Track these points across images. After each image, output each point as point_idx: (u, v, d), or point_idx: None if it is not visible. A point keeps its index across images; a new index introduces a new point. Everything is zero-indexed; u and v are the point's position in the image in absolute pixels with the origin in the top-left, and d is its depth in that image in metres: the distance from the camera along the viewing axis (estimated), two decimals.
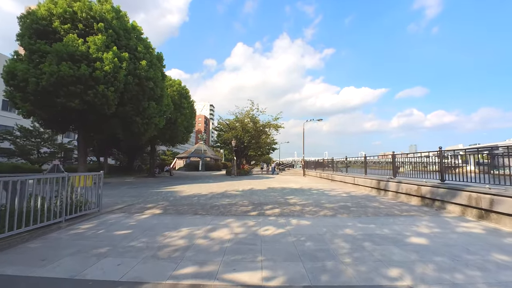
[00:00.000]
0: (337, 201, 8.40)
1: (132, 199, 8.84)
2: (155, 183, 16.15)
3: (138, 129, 15.09)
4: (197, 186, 13.71)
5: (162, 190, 12.07)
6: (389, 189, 9.67)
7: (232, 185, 14.29)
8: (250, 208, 7.16)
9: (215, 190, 11.82)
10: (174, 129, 22.19)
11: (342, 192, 11.18)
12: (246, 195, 9.86)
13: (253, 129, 28.48)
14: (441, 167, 7.46)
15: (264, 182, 16.77)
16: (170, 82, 23.28)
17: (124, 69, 13.21)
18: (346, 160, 14.94)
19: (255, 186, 13.72)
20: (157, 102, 15.97)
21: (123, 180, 18.91)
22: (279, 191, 11.61)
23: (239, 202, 8.18)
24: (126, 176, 25.11)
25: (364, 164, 12.53)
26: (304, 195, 9.98)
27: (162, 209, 6.90)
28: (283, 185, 14.80)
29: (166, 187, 13.61)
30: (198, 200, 8.61)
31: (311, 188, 12.73)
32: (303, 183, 16.37)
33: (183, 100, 23.73)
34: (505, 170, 5.88)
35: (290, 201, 8.50)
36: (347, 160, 14.90)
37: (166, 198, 9.02)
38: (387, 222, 5.56)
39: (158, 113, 16.10)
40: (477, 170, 6.81)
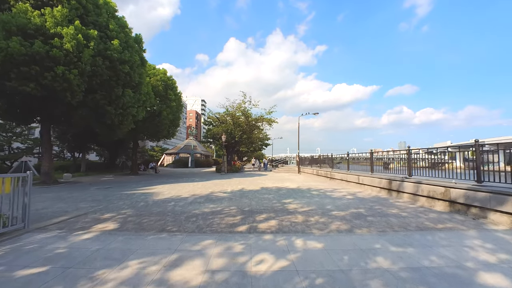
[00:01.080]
0: (346, 207, 6.84)
1: (90, 206, 7.01)
2: (133, 182, 14.25)
3: (111, 121, 13.09)
4: (180, 186, 11.92)
5: (137, 191, 10.23)
6: (404, 190, 8.19)
7: (220, 185, 12.58)
8: (239, 218, 5.48)
9: (199, 191, 10.08)
10: (158, 122, 20.17)
11: (346, 193, 9.67)
12: (235, 199, 8.18)
13: (245, 123, 26.69)
14: (478, 165, 5.97)
15: (257, 181, 15.13)
16: (154, 71, 21.15)
17: (91, 48, 11.17)
18: (348, 156, 13.46)
19: (247, 186, 12.06)
20: (134, 90, 13.97)
21: (98, 179, 16.88)
22: (274, 192, 9.99)
23: (225, 209, 6.49)
24: (107, 173, 22.98)
25: (370, 161, 11.04)
26: (304, 198, 8.39)
27: (120, 223, 5.14)
28: (278, 184, 13.20)
29: (144, 187, 11.77)
30: (174, 206, 6.87)
31: (310, 188, 11.18)
32: (300, 181, 14.83)
33: (169, 92, 21.67)
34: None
35: (289, 206, 6.88)
36: (349, 157, 13.42)
37: (134, 204, 7.22)
38: (427, 241, 4.00)
39: (136, 103, 14.10)
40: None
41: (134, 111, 13.85)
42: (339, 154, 16.36)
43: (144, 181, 15.15)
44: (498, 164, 6.05)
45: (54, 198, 8.42)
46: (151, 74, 20.74)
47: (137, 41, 15.34)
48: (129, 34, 13.82)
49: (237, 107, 25.65)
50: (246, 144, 32.75)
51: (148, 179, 17.28)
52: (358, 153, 14.21)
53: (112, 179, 17.31)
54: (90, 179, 16.58)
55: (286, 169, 27.01)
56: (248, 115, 25.97)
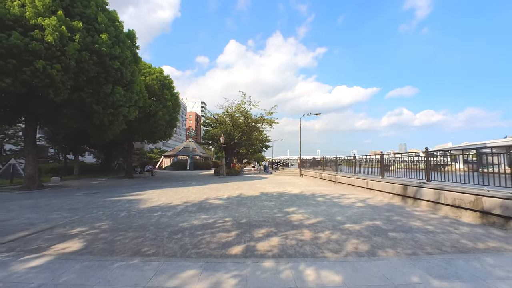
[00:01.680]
0: (359, 217, 5.89)
1: (63, 217, 6.07)
2: (124, 187, 13.30)
3: (100, 121, 12.17)
4: (173, 192, 10.98)
5: (124, 197, 9.29)
6: (422, 197, 7.25)
7: (216, 190, 11.64)
8: (233, 235, 4.54)
9: (193, 198, 9.14)
10: (153, 122, 19.26)
11: (355, 199, 8.72)
12: (232, 207, 7.24)
13: (245, 124, 25.80)
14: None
15: (256, 185, 14.18)
16: (149, 70, 20.29)
17: (76, 42, 10.29)
18: (354, 159, 12.52)
19: (245, 191, 11.12)
20: (126, 88, 13.08)
21: (89, 183, 15.94)
22: (276, 198, 9.04)
23: (219, 221, 5.54)
24: (100, 176, 22.04)
25: (380, 164, 10.10)
26: (310, 206, 7.45)
27: (87, 241, 4.20)
28: (279, 188, 12.25)
29: (133, 192, 10.82)
30: (159, 217, 5.93)
31: (315, 194, 10.23)
32: (303, 185, 13.88)
33: (165, 91, 20.78)
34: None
35: (293, 217, 5.94)
36: (355, 159, 12.47)
37: (114, 215, 6.28)
38: (476, 271, 3.06)
39: (128, 102, 13.20)
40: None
41: (126, 110, 12.93)
42: (345, 156, 15.44)
43: (136, 185, 14.21)
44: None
45: (28, 206, 7.48)
46: (146, 73, 19.89)
47: (129, 36, 14.48)
48: (120, 28, 12.94)
49: (236, 107, 24.77)
50: (246, 146, 31.83)
51: (141, 182, 16.34)
52: (366, 155, 13.28)
53: (103, 182, 16.37)
54: (80, 183, 15.64)
55: (287, 172, 26.05)
56: (248, 115, 25.08)
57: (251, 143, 30.12)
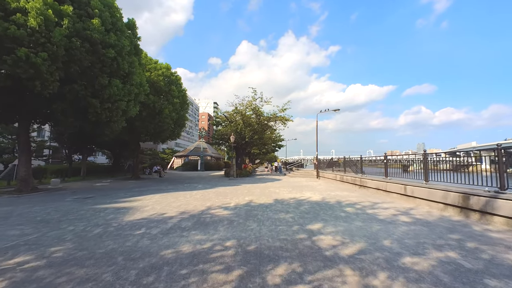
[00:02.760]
0: (417, 242, 4.10)
1: (22, 233, 4.71)
2: (124, 190, 12.08)
3: (96, 117, 10.99)
4: (173, 197, 9.56)
5: (114, 205, 7.95)
6: (496, 211, 5.31)
7: (224, 195, 10.11)
8: (235, 277, 2.93)
9: (192, 206, 7.63)
10: (159, 121, 18.08)
11: (395, 210, 6.87)
12: (238, 222, 5.64)
13: (256, 122, 24.19)
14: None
15: (269, 189, 12.53)
16: (154, 65, 19.18)
17: (64, 27, 9.12)
18: (385, 159, 10.55)
19: (256, 197, 9.50)
20: (124, 80, 11.85)
21: (91, 185, 14.95)
22: (294, 208, 7.35)
23: (216, 247, 3.95)
24: (107, 178, 21.24)
25: (423, 166, 8.14)
26: (339, 221, 5.70)
27: (10, 286, 2.74)
28: (296, 194, 10.54)
29: (129, 198, 9.51)
30: (139, 239, 4.43)
31: (340, 202, 8.43)
32: (323, 190, 12.06)
33: (172, 87, 19.60)
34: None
35: (321, 242, 4.24)
36: (386, 160, 10.51)
37: (84, 232, 4.85)
38: None
39: (127, 96, 11.96)
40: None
41: (124, 105, 11.67)
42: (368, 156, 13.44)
43: (138, 188, 12.98)
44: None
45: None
46: (151, 68, 18.79)
47: (129, 26, 13.31)
48: (117, 16, 11.71)
49: (247, 104, 23.20)
50: (258, 146, 30.20)
51: (145, 185, 15.15)
52: (400, 154, 11.26)
53: (106, 185, 15.34)
54: (81, 186, 14.67)
55: (302, 173, 24.18)
56: (260, 113, 23.44)
57: (264, 143, 28.46)
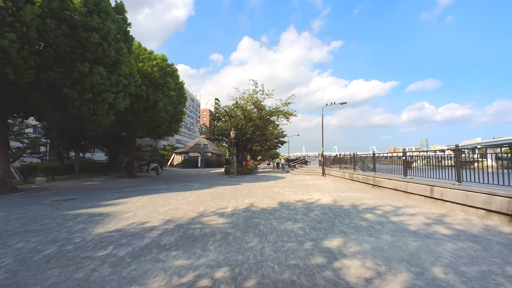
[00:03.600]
0: (481, 273, 2.90)
1: None
2: (112, 190, 10.98)
3: (78, 110, 9.83)
4: (162, 200, 8.42)
5: (91, 210, 6.80)
6: None
7: (221, 197, 8.95)
8: None
9: (182, 213, 6.47)
10: (153, 115, 16.89)
11: (425, 218, 5.65)
12: (234, 236, 4.45)
13: (258, 117, 22.95)
14: None
15: (272, 189, 11.35)
16: (148, 55, 17.93)
17: (37, 5, 7.92)
18: (404, 156, 9.30)
19: (258, 200, 8.32)
20: (110, 69, 10.65)
21: (80, 184, 13.88)
22: (303, 215, 6.16)
23: (200, 282, 2.77)
24: (100, 175, 20.19)
25: (456, 164, 6.88)
26: (362, 233, 4.50)
27: None
28: (303, 195, 9.35)
29: (112, 200, 8.38)
30: (99, 264, 3.26)
31: (356, 205, 7.23)
32: (332, 190, 10.86)
33: (168, 79, 18.39)
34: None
35: (348, 273, 3.04)
36: (406, 156, 9.25)
37: (31, 252, 3.69)
38: None
39: (114, 86, 10.76)
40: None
41: (111, 97, 10.47)
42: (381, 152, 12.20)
43: (128, 188, 11.88)
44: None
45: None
46: (145, 58, 17.55)
47: (118, 10, 12.06)
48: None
49: (248, 98, 21.94)
50: (260, 142, 28.98)
51: (138, 184, 14.05)
52: (423, 150, 10.00)
53: (96, 184, 14.26)
54: (68, 185, 13.60)
55: (306, 170, 22.97)
56: (261, 107, 22.19)
57: (266, 139, 27.22)
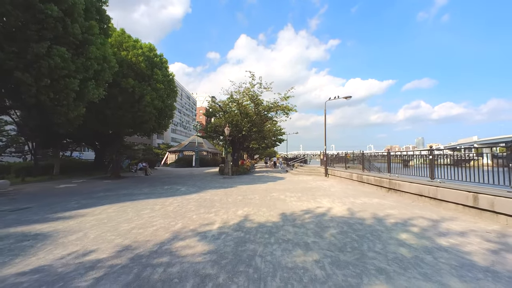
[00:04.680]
0: None
1: None
2: (82, 196, 9.26)
3: (35, 99, 8.07)
4: (134, 211, 6.74)
5: (30, 227, 5.10)
6: None
7: (209, 205, 7.30)
8: None
9: (150, 233, 4.81)
10: (138, 110, 15.16)
11: (484, 240, 4.08)
12: (215, 284, 2.82)
13: (255, 113, 21.28)
14: None
15: (272, 193, 9.72)
16: (133, 43, 16.14)
17: None
18: (431, 154, 7.72)
19: (254, 210, 6.69)
20: (76, 51, 8.88)
21: (51, 187, 12.11)
22: (315, 236, 4.53)
23: None
24: (84, 176, 18.36)
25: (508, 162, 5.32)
26: (411, 272, 2.88)
27: None
28: (309, 202, 7.73)
29: (71, 211, 6.68)
30: None
31: (379, 217, 5.64)
32: (341, 194, 9.28)
33: (155, 70, 16.63)
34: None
35: None
36: (432, 155, 7.68)
37: None
38: None
39: (82, 72, 9.01)
40: None
41: (75, 84, 8.69)
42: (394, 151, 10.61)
43: (103, 193, 10.18)
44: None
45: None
46: (129, 47, 15.77)
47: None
48: None
49: (244, 91, 20.23)
50: (257, 140, 27.31)
51: (117, 187, 12.33)
52: (454, 146, 8.44)
53: (72, 186, 12.51)
54: (39, 188, 11.83)
55: (307, 170, 21.40)
56: (259, 102, 20.51)
57: (263, 136, 25.56)
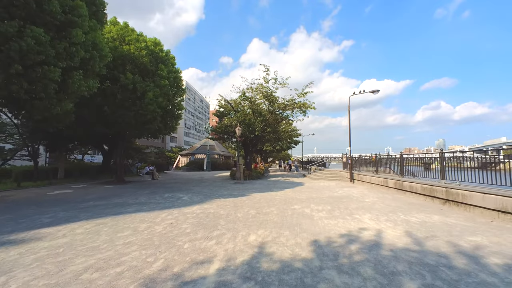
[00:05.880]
0: None
1: None
2: (63, 206, 7.75)
3: (5, 90, 6.65)
4: (109, 232, 5.03)
5: None
6: None
7: (210, 224, 5.47)
8: None
9: (105, 283, 3.02)
10: (140, 108, 13.72)
11: None
12: None
13: (269, 112, 19.39)
14: None
15: (293, 205, 7.74)
16: (136, 36, 14.85)
17: None
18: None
19: (272, 234, 4.76)
20: (57, 34, 7.43)
21: (44, 193, 10.83)
22: None
23: None
24: (88, 181, 17.26)
25: None
26: None
27: None
28: (346, 221, 5.70)
29: (31, 231, 5.06)
30: None
31: (461, 248, 3.52)
32: (385, 208, 7.13)
33: (160, 66, 15.22)
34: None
35: None
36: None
37: None
38: None
39: (66, 58, 7.55)
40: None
41: (56, 74, 7.21)
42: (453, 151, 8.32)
43: (91, 202, 8.66)
44: None
45: None
46: (131, 40, 14.47)
47: None
48: None
49: (257, 88, 18.41)
50: (271, 141, 25.32)
51: (111, 195, 10.84)
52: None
53: (65, 193, 11.19)
54: (29, 194, 10.57)
55: (327, 174, 19.15)
56: (273, 99, 18.58)
57: (278, 137, 23.54)
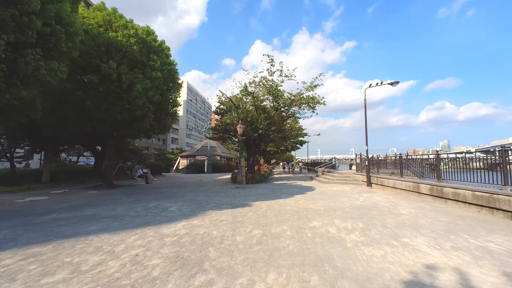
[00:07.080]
0: None
1: None
2: (7, 222, 6.03)
3: None
4: (40, 270, 3.23)
5: None
6: None
7: (194, 261, 3.65)
8: None
9: None
10: (126, 103, 11.98)
11: None
12: None
13: (274, 108, 17.57)
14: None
15: (311, 223, 5.90)
16: (124, 23, 13.16)
17: None
18: None
19: (290, 285, 2.96)
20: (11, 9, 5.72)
21: (12, 201, 9.13)
22: None
23: None
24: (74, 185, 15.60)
25: None
26: None
27: None
28: (398, 253, 3.86)
29: None
30: None
31: None
32: (440, 226, 5.26)
33: (152, 56, 13.48)
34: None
35: None
36: None
37: None
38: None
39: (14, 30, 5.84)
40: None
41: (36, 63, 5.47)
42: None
43: (54, 214, 6.93)
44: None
45: None
46: (119, 27, 12.79)
47: None
48: None
49: (260, 81, 16.60)
50: (275, 141, 23.44)
51: (88, 204, 9.09)
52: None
53: (35, 200, 9.48)
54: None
55: (338, 178, 17.25)
56: (279, 94, 16.75)
57: (283, 136, 21.67)
